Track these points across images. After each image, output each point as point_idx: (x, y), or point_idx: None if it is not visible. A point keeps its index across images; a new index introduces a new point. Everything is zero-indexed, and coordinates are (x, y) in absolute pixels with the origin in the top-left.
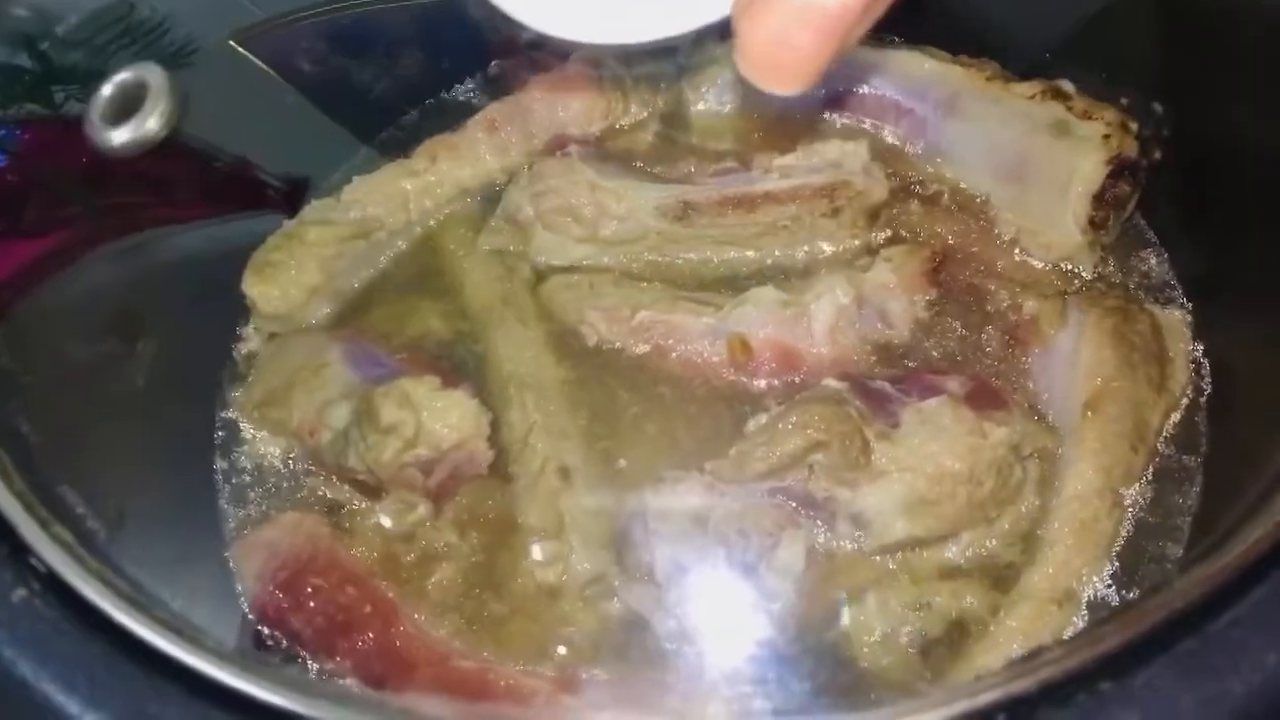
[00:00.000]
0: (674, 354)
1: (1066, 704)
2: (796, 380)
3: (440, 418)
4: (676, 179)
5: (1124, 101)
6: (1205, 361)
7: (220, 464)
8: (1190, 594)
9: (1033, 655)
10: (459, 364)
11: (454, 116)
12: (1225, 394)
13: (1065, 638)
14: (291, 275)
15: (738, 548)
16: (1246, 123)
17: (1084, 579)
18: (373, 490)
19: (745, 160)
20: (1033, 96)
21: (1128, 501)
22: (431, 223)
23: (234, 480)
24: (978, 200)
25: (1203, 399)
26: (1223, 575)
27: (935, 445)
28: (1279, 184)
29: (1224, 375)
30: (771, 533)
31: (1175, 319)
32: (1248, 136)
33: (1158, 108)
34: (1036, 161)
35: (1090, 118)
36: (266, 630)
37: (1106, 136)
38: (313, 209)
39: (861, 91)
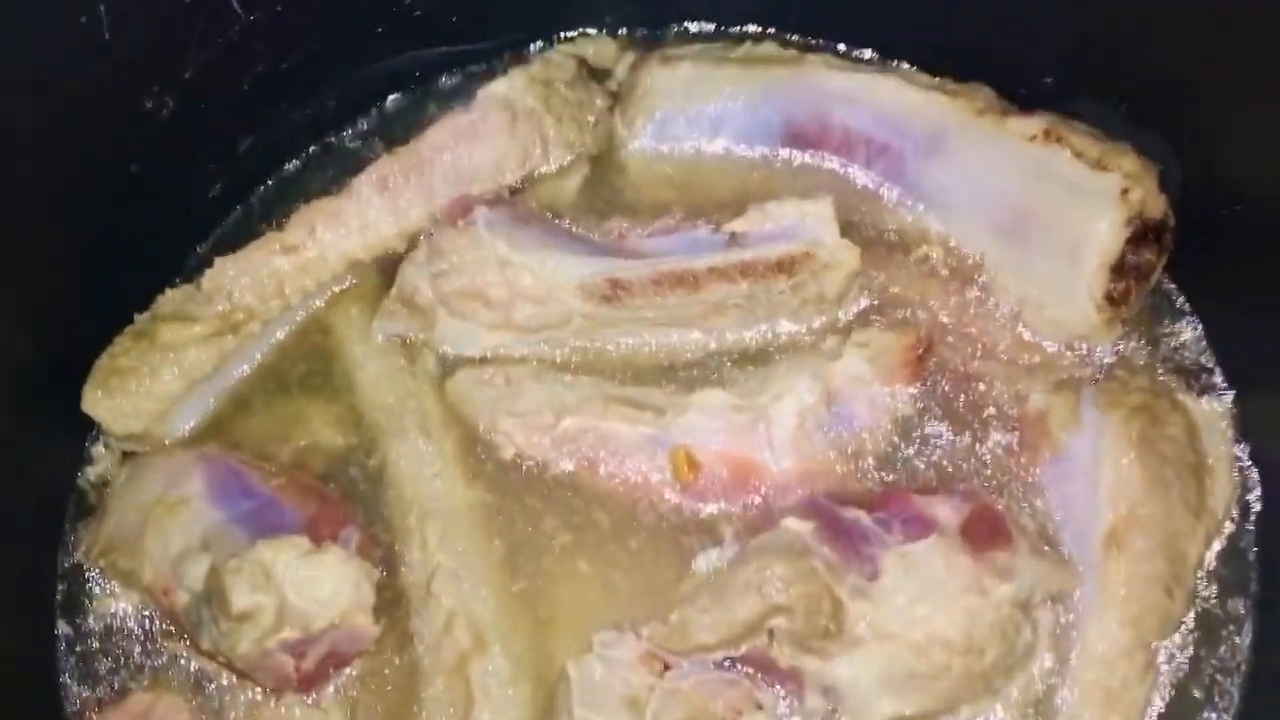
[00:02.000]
0: (605, 470)
1: None
2: (756, 501)
3: (308, 592)
4: (606, 244)
5: (1148, 141)
6: (1252, 467)
7: (63, 628)
8: None
9: None
10: (349, 485)
11: (343, 168)
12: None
13: None
14: (145, 386)
15: None
16: None
17: None
18: (240, 672)
19: (691, 212)
20: (1033, 137)
21: (1162, 659)
22: (316, 304)
23: (78, 648)
24: (971, 261)
25: (1251, 519)
26: None
27: (924, 607)
28: None
29: (1277, 484)
30: (725, 719)
31: (1214, 413)
32: None
33: (1191, 146)
34: (1040, 218)
35: (1104, 167)
36: None
37: (1125, 191)
38: (168, 300)
39: (826, 124)
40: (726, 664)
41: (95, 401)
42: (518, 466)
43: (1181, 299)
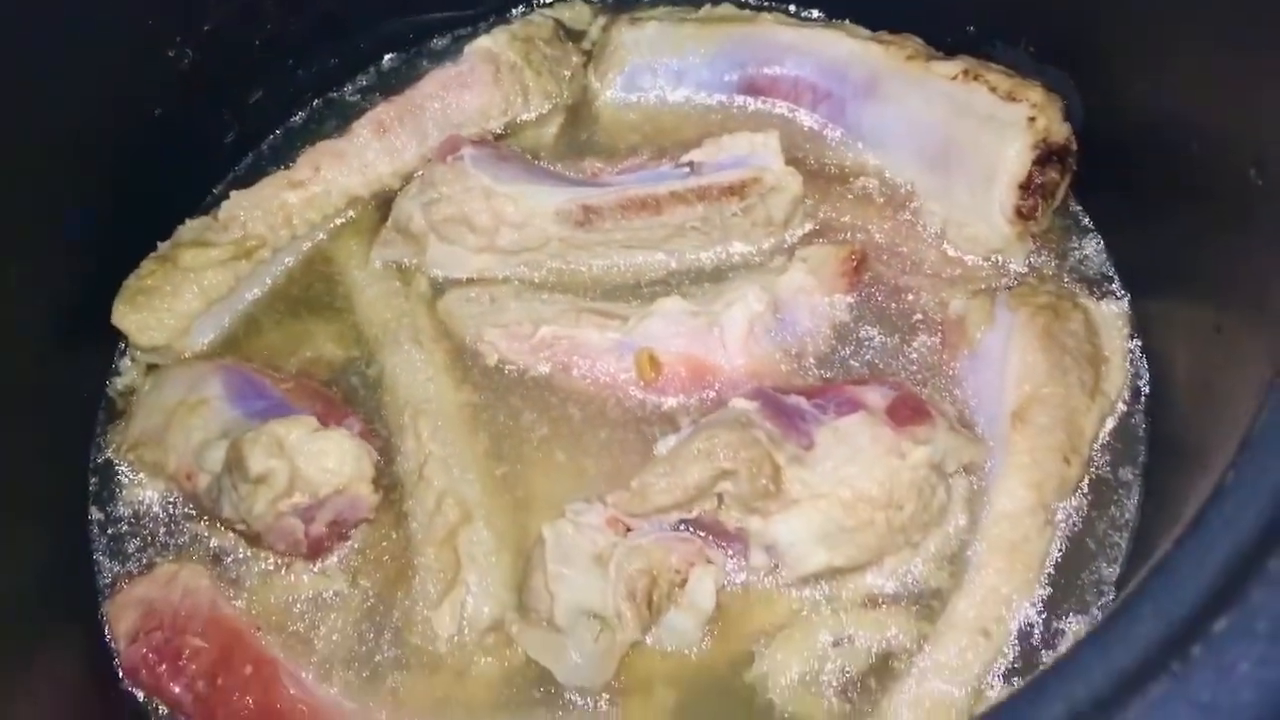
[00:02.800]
0: (578, 371)
1: None
2: (710, 396)
3: (316, 462)
4: (581, 179)
5: (1054, 78)
6: (1143, 358)
7: (96, 514)
8: (1079, 691)
9: None
10: (350, 392)
11: (344, 118)
12: (1165, 394)
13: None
14: (168, 303)
15: (642, 588)
16: (1192, 96)
17: (1014, 606)
18: (255, 538)
19: (656, 154)
20: (954, 77)
21: (1060, 518)
22: (320, 236)
23: (110, 531)
24: (903, 190)
25: (1141, 401)
26: (1120, 664)
27: (851, 468)
28: (1223, 163)
29: (1164, 373)
30: (679, 570)
31: (1111, 313)
32: (1191, 112)
33: (1091, 81)
34: (961, 147)
35: (1014, 99)
36: (142, 696)
37: (1032, 119)
38: (188, 229)
39: (776, 73)
40: (681, 527)
41: (123, 315)
42: (501, 371)
43: (1087, 219)
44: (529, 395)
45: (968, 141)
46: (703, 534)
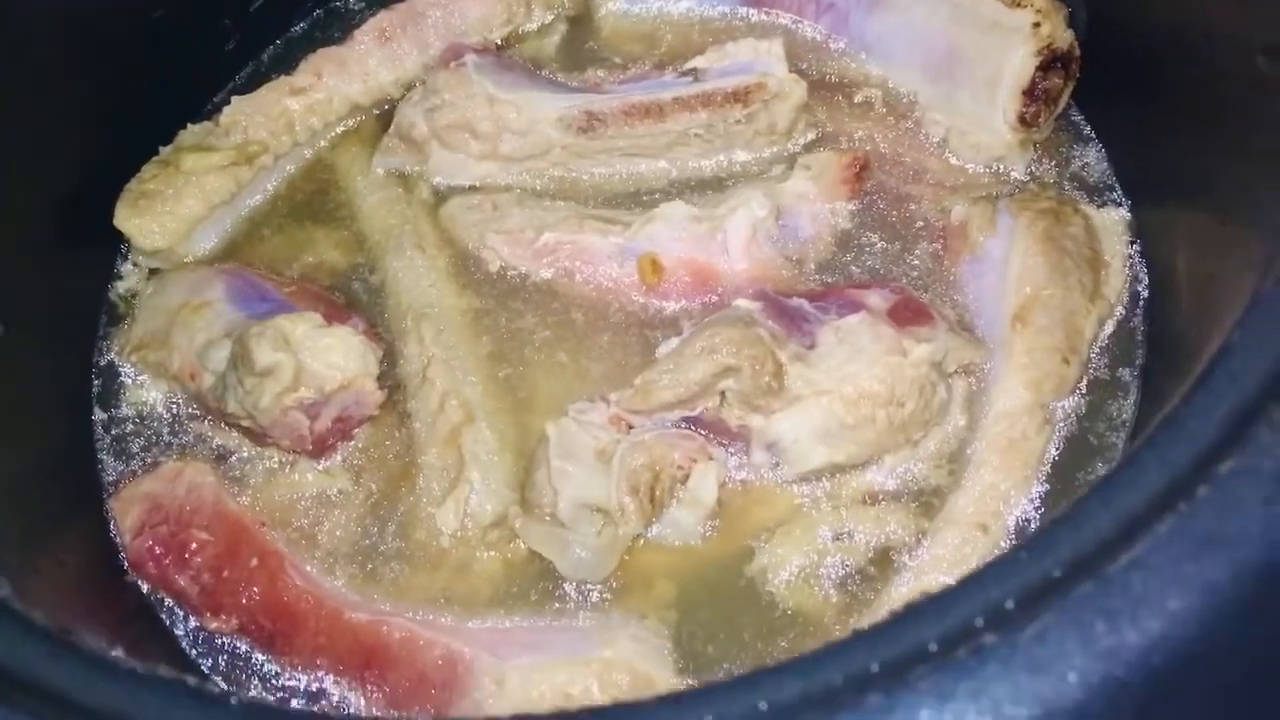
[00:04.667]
0: (581, 277)
1: (944, 664)
2: (713, 300)
3: (322, 357)
4: (584, 87)
5: None
6: (1143, 263)
7: (99, 414)
8: (1087, 534)
9: (909, 608)
10: (353, 297)
11: (345, 28)
12: (1164, 298)
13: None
14: (170, 207)
15: (644, 483)
16: (1193, 6)
17: (1011, 502)
18: (259, 435)
19: (660, 64)
20: None
21: (1059, 417)
22: (322, 144)
23: (114, 431)
24: (906, 100)
25: (1139, 305)
26: (1127, 509)
27: (853, 366)
28: (1231, 58)
29: (1163, 278)
30: (681, 465)
31: (1112, 219)
32: (1192, 22)
33: None
34: (965, 55)
35: (1018, 5)
36: (148, 588)
37: (1036, 25)
38: (190, 134)
39: None
40: (683, 425)
41: (125, 219)
42: (503, 276)
43: (1089, 127)
44: (531, 300)
45: (971, 49)
46: (704, 432)
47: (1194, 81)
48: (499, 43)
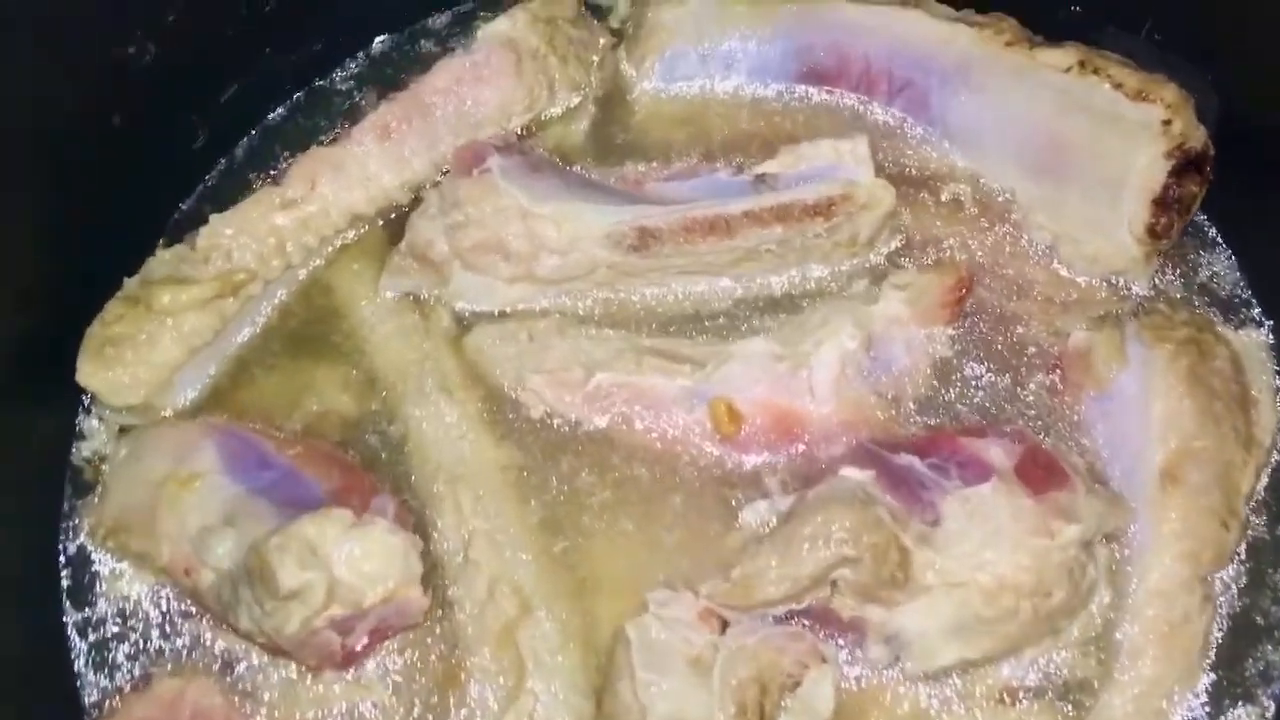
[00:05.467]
0: (642, 424)
1: None
2: (799, 451)
3: (358, 568)
4: (624, 189)
5: (1180, 69)
6: None
7: (72, 614)
8: None
9: None
10: (369, 454)
11: (334, 113)
12: None
13: None
14: (142, 355)
15: (752, 699)
16: None
17: (1175, 699)
18: (277, 649)
19: (707, 154)
20: (1068, 69)
21: (1217, 589)
22: (318, 263)
23: (91, 636)
24: (1001, 199)
25: None
26: None
27: (991, 552)
28: None
29: None
30: (791, 674)
31: (1255, 344)
32: None
33: (1227, 74)
34: (1075, 152)
35: (1145, 98)
36: None
37: (1166, 123)
38: (160, 262)
39: (846, 58)
40: (786, 618)
41: (90, 374)
42: (548, 425)
43: (1213, 230)
44: (585, 454)
45: (1083, 145)
46: (810, 622)
47: None
48: (520, 132)
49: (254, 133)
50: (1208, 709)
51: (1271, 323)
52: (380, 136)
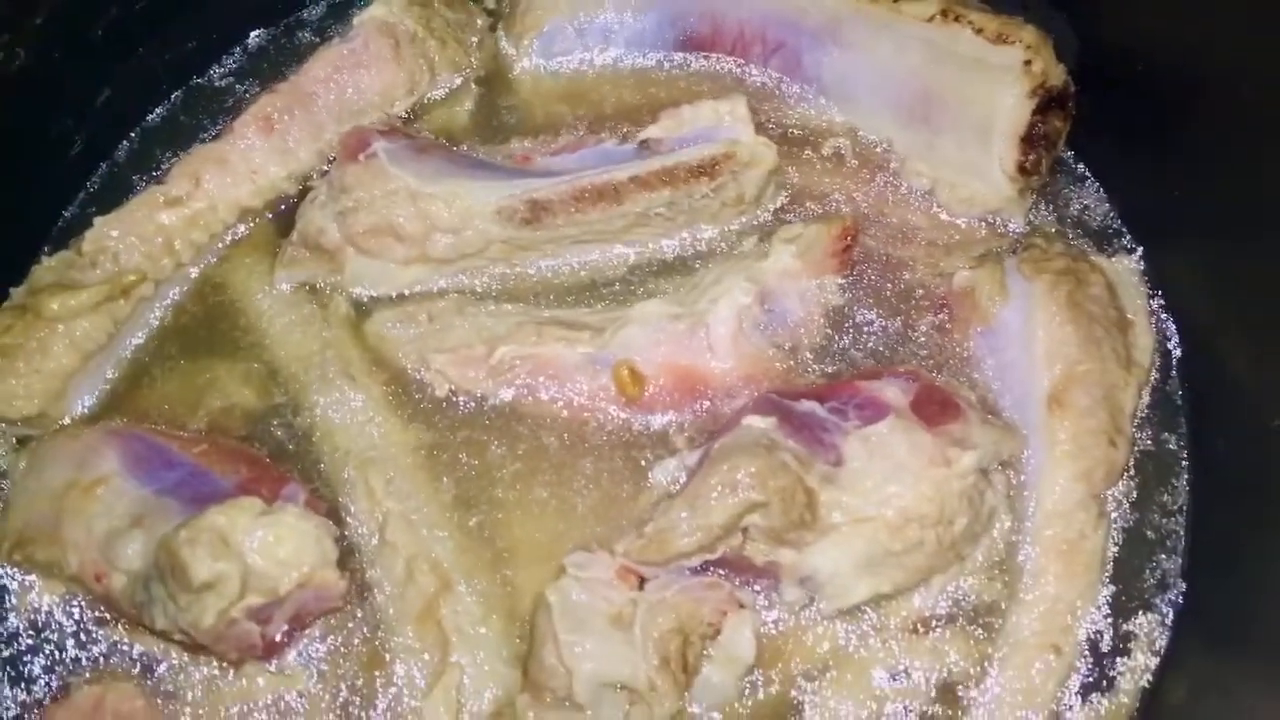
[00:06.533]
0: (547, 394)
1: None
2: (703, 407)
3: (271, 554)
4: (512, 165)
5: (1038, 11)
6: (1167, 318)
7: None
8: None
9: None
10: (277, 446)
11: (213, 110)
12: (1198, 352)
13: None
14: (35, 364)
15: (674, 649)
16: (1181, 23)
17: (1080, 613)
18: (195, 647)
19: (591, 126)
20: (930, 18)
21: (1110, 506)
22: (209, 260)
23: (5, 651)
24: (880, 149)
25: (1173, 363)
26: None
27: (894, 485)
28: (1223, 88)
29: (1193, 330)
30: (711, 622)
31: (1127, 270)
32: (1183, 40)
33: (1085, 11)
34: (945, 98)
35: (1005, 41)
36: None
37: (1027, 63)
38: (46, 269)
39: (720, 24)
40: (702, 569)
41: None
42: (454, 403)
43: (1081, 166)
44: (493, 427)
45: (951, 91)
46: (725, 572)
47: (1196, 104)
48: (404, 115)
49: (134, 135)
50: (1110, 620)
51: (1141, 249)
52: (263, 129)
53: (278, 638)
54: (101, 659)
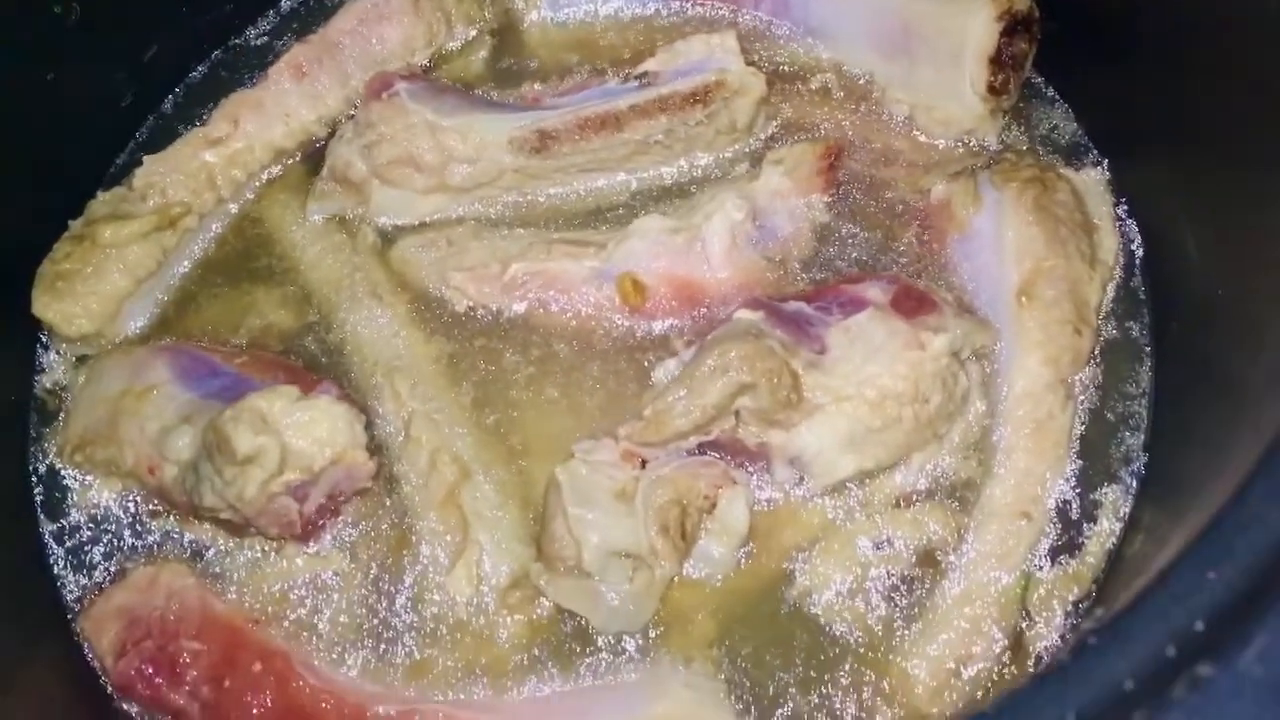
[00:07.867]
0: (557, 306)
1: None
2: (701, 314)
3: (307, 433)
4: (524, 105)
5: None
6: (1132, 221)
7: (48, 525)
8: None
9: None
10: (311, 359)
11: (252, 66)
12: (1160, 254)
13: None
14: (92, 286)
15: (673, 519)
16: None
17: (1049, 484)
18: (239, 527)
19: (598, 71)
20: None
21: (1076, 389)
22: (248, 196)
23: (68, 542)
24: (863, 81)
25: (1136, 264)
26: None
27: (872, 366)
28: (1173, 13)
29: (1155, 233)
30: (707, 495)
31: (1093, 180)
32: None
33: None
34: (920, 29)
35: None
36: (137, 712)
37: None
38: (101, 203)
39: None
40: (700, 452)
41: (45, 306)
42: (473, 316)
43: (1050, 89)
44: (508, 337)
45: (927, 22)
46: (721, 454)
47: (1152, 23)
48: (424, 64)
49: (178, 90)
50: (1078, 491)
51: (1107, 161)
52: (295, 76)
53: (314, 517)
54: (155, 546)
